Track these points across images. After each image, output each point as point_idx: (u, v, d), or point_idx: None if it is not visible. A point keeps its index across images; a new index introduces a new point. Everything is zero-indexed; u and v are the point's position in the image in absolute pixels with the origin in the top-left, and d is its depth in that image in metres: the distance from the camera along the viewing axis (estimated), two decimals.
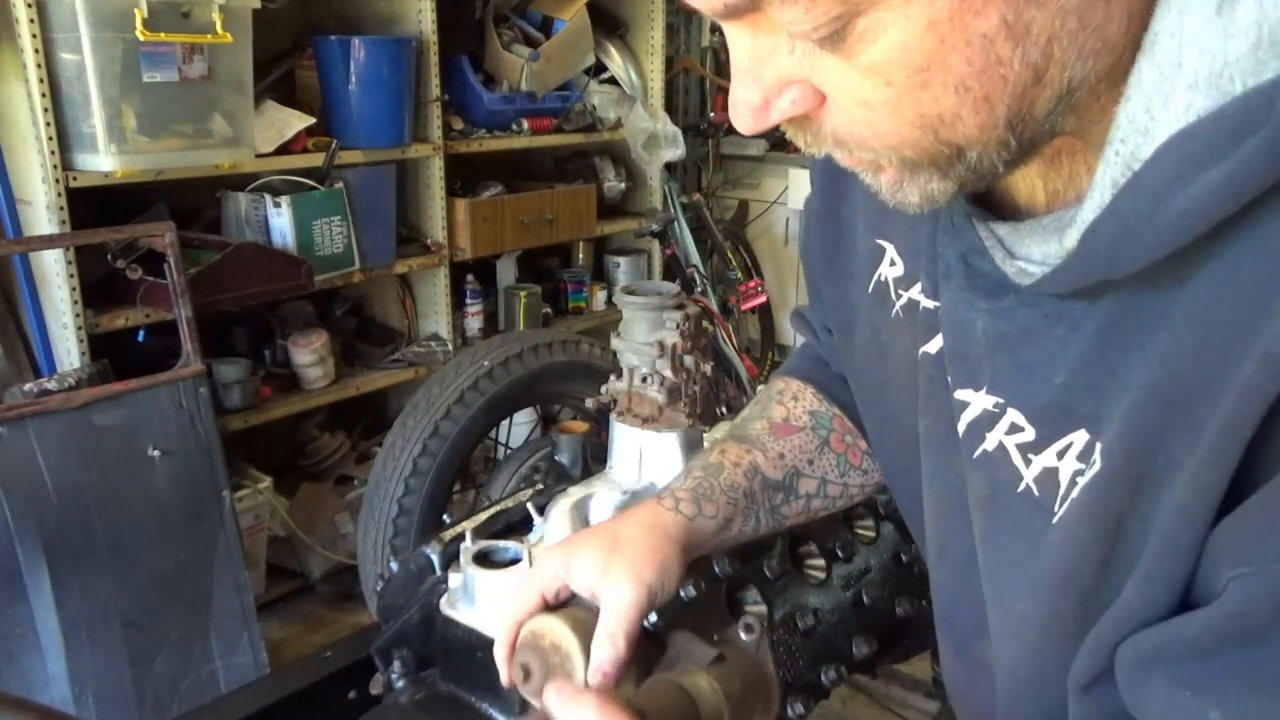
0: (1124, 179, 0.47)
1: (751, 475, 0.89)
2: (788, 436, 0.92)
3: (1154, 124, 0.45)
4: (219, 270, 2.44)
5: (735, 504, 0.87)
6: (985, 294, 0.58)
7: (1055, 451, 0.55)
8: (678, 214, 3.84)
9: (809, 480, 0.91)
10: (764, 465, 0.90)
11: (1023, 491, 0.57)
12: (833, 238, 0.80)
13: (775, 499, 0.90)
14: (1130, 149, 0.46)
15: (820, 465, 0.92)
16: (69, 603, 2.06)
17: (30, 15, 2.12)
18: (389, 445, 2.12)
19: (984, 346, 0.59)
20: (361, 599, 2.46)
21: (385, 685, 1.18)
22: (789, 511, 0.92)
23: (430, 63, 2.96)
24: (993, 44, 0.44)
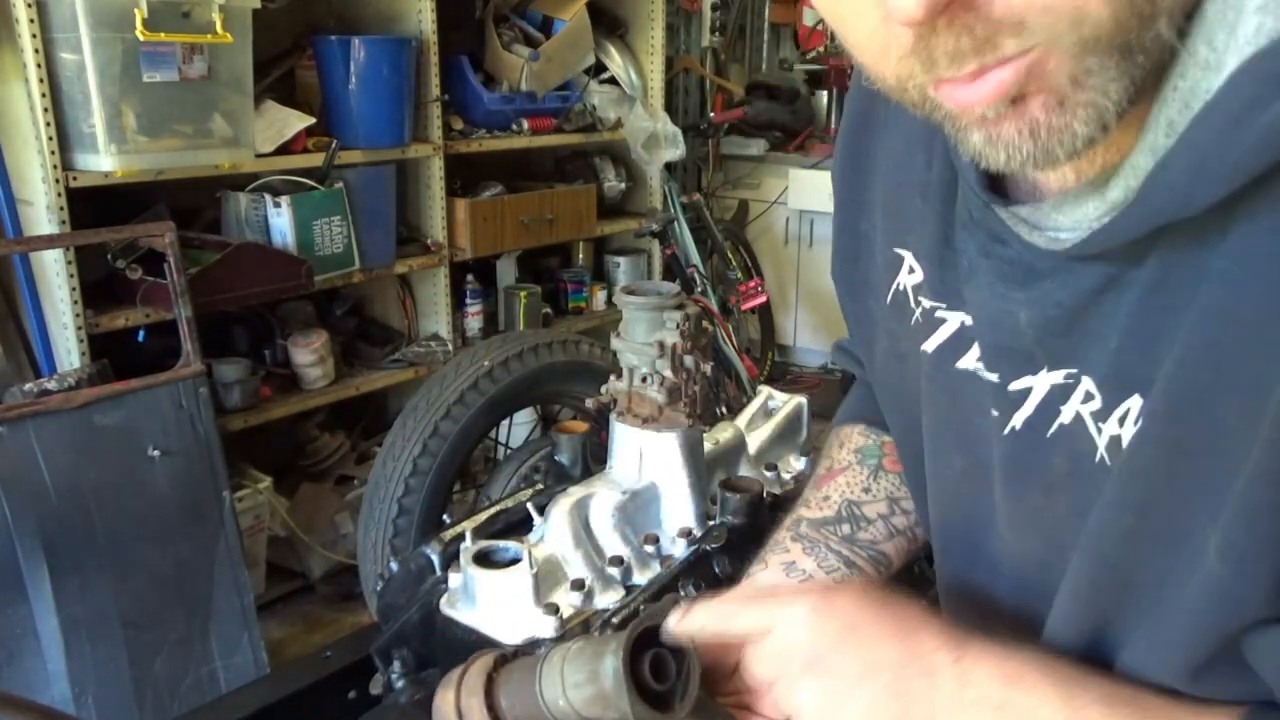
0: (1181, 118, 0.45)
1: (787, 529, 0.88)
2: (830, 482, 0.91)
3: (1216, 55, 0.44)
4: (219, 270, 2.43)
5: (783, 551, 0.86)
6: (1019, 284, 0.57)
7: (1118, 418, 0.54)
8: (678, 214, 3.84)
9: (873, 505, 0.89)
10: (806, 514, 0.89)
11: (1099, 462, 0.56)
12: (852, 252, 0.80)
13: (843, 530, 0.87)
14: (1190, 84, 0.45)
15: (880, 488, 0.89)
16: (69, 603, 2.06)
17: (30, 15, 2.12)
18: (389, 445, 2.12)
19: (1033, 335, 0.58)
20: (361, 599, 2.46)
21: (385, 685, 1.18)
22: (872, 536, 0.87)
23: (430, 63, 2.96)
24: None
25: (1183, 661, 0.53)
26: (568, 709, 0.70)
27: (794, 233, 4.62)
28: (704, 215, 4.01)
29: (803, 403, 1.47)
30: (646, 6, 3.76)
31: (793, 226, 4.61)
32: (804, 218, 4.54)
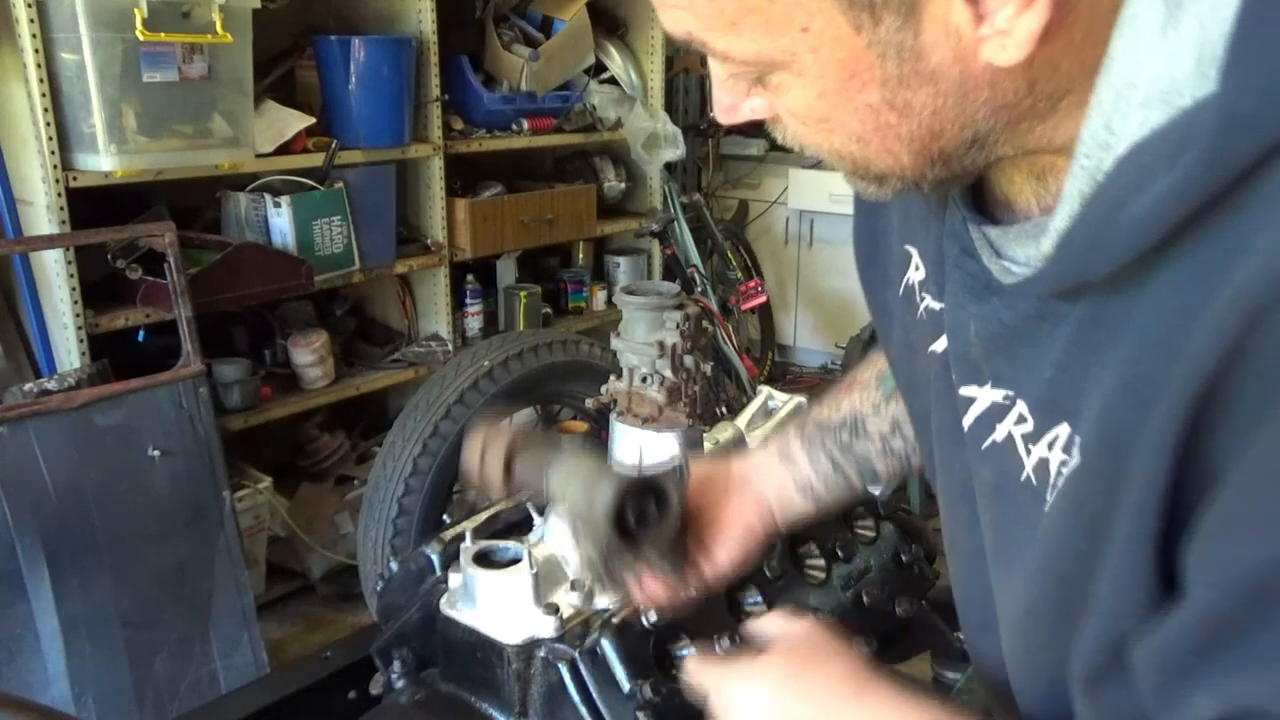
0: (1090, 190, 0.51)
1: (799, 422, 0.99)
2: (847, 393, 0.99)
3: (1114, 139, 0.49)
4: (219, 270, 2.43)
5: (786, 440, 0.98)
6: (974, 296, 0.62)
7: (1046, 442, 0.58)
8: (678, 214, 3.84)
9: (878, 422, 0.96)
10: (817, 413, 0.99)
11: (1024, 480, 0.60)
12: (871, 243, 0.84)
13: (842, 437, 0.97)
14: (1094, 163, 0.50)
15: (889, 411, 0.96)
16: (69, 603, 2.06)
17: (30, 15, 2.12)
18: (389, 445, 2.12)
19: (979, 348, 0.63)
20: (361, 599, 2.46)
21: (385, 685, 1.18)
22: (868, 450, 0.97)
23: (430, 63, 2.96)
24: (878, 113, 0.54)
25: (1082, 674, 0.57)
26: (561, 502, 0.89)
27: (794, 233, 4.62)
28: (704, 215, 4.01)
29: (803, 403, 1.47)
30: (646, 6, 3.75)
31: (793, 226, 4.61)
32: (804, 218, 4.54)
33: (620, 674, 1.01)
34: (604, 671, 1.01)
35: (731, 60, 0.55)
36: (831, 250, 4.49)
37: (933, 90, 0.52)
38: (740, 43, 0.54)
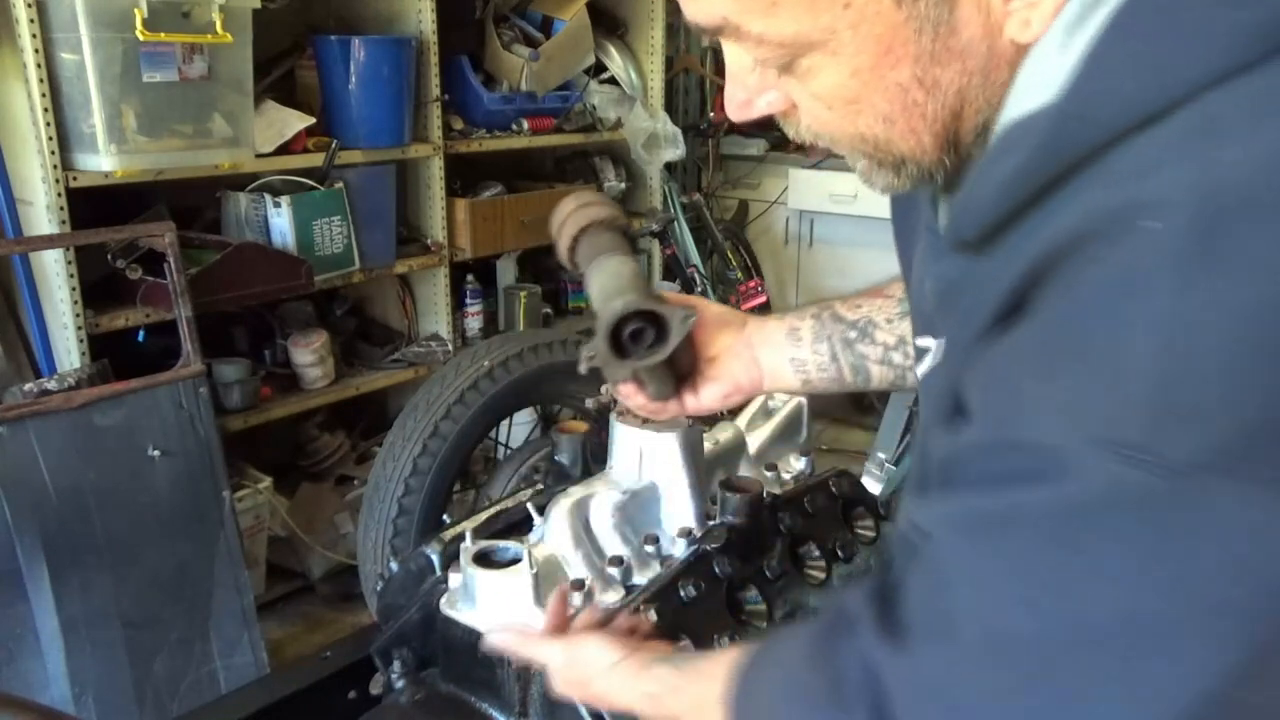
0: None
1: (822, 308, 1.05)
2: (871, 298, 1.05)
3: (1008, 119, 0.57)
4: (219, 270, 2.43)
5: (801, 318, 1.05)
6: (934, 257, 0.68)
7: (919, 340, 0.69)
8: (678, 214, 3.84)
9: (886, 333, 1.02)
10: (838, 306, 1.05)
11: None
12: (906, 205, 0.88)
13: (849, 335, 1.04)
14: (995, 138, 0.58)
15: (900, 327, 1.01)
16: (69, 603, 2.06)
17: (30, 15, 2.12)
18: (389, 445, 2.12)
19: (932, 303, 0.69)
20: (361, 599, 2.46)
21: (385, 685, 1.18)
22: (867, 354, 1.03)
23: (430, 63, 2.96)
24: (907, 91, 0.57)
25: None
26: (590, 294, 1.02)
27: (794, 233, 4.62)
28: (704, 215, 4.01)
29: (803, 403, 1.47)
30: (646, 6, 3.75)
31: (793, 226, 4.61)
32: (804, 218, 4.54)
33: None
34: None
35: (766, 43, 0.57)
36: (831, 250, 4.49)
37: (960, 67, 0.56)
38: (779, 23, 0.56)
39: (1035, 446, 0.50)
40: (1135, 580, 0.48)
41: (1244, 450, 0.45)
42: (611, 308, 0.96)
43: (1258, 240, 0.44)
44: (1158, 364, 0.45)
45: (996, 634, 0.53)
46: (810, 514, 1.28)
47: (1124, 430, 0.46)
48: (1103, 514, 0.48)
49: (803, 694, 0.63)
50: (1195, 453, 0.45)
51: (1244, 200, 0.45)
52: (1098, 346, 0.48)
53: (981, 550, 0.53)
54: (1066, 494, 0.48)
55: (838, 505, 1.33)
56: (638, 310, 0.96)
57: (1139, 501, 0.47)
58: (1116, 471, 0.46)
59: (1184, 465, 0.45)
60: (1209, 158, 0.45)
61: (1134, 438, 0.46)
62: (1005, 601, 0.52)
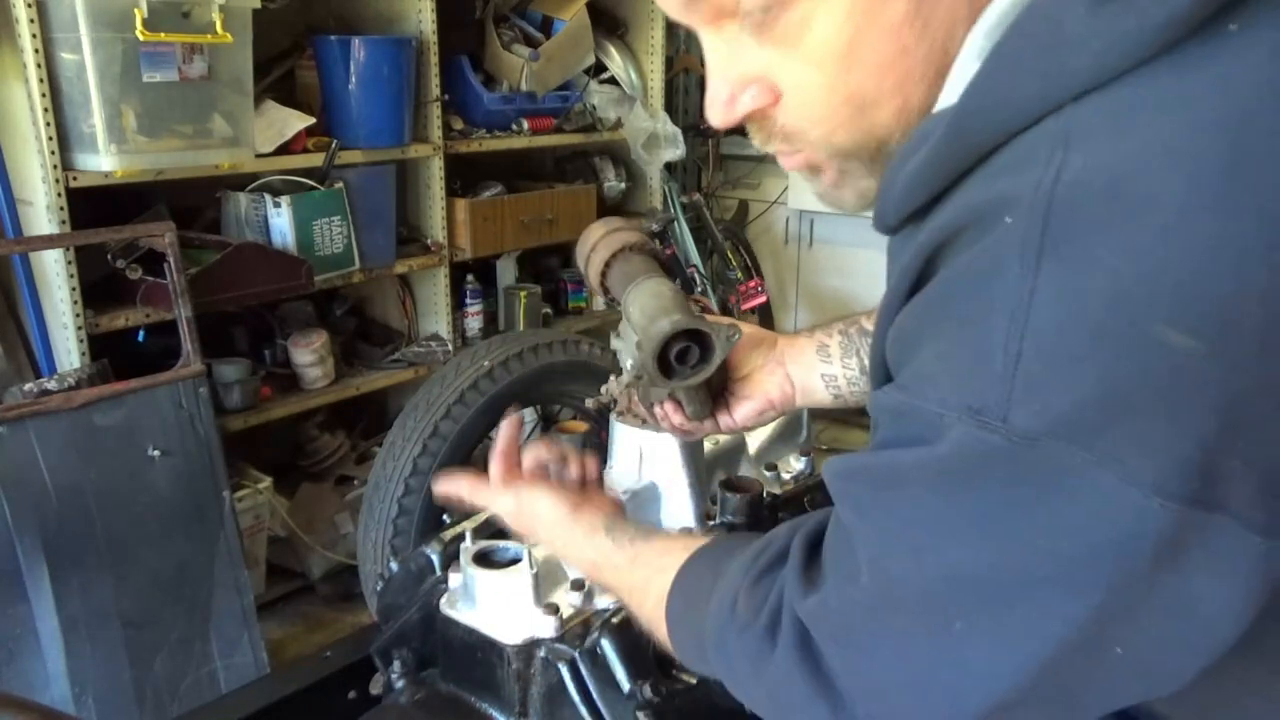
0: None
1: (849, 323, 1.08)
2: None
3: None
4: (219, 270, 2.43)
5: (829, 335, 1.08)
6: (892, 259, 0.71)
7: None
8: (678, 214, 3.84)
9: None
10: (864, 321, 1.07)
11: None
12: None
13: None
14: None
15: None
16: (69, 603, 2.06)
17: (30, 15, 2.12)
18: (389, 445, 2.12)
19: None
20: (361, 599, 2.46)
21: (385, 685, 1.18)
22: None
23: (430, 63, 2.96)
24: (899, 33, 0.58)
25: None
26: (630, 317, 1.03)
27: (794, 233, 4.62)
28: (704, 215, 4.01)
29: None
30: (646, 6, 3.75)
31: (793, 226, 4.61)
32: (804, 218, 4.54)
33: (620, 674, 1.01)
34: (604, 671, 1.02)
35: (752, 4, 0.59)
36: (831, 250, 4.49)
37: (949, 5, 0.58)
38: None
39: (920, 411, 0.55)
40: (994, 534, 0.53)
41: (1082, 421, 0.48)
42: (659, 327, 0.97)
43: (1089, 237, 0.48)
44: (1007, 340, 0.50)
45: (886, 581, 0.58)
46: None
47: (982, 398, 0.51)
48: (964, 474, 0.53)
49: (737, 617, 0.70)
50: (1039, 421, 0.49)
51: (1081, 200, 0.49)
52: (963, 320, 0.53)
53: (874, 501, 0.60)
54: (936, 455, 0.54)
55: None
56: (684, 330, 0.97)
57: (992, 463, 0.51)
58: (976, 435, 0.51)
59: (1031, 432, 0.49)
60: (1059, 162, 0.50)
61: (990, 405, 0.51)
62: (892, 551, 0.58)
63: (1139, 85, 0.49)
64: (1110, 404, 0.48)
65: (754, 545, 0.75)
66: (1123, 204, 0.48)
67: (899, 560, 0.57)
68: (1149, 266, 0.47)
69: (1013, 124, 0.52)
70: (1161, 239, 0.47)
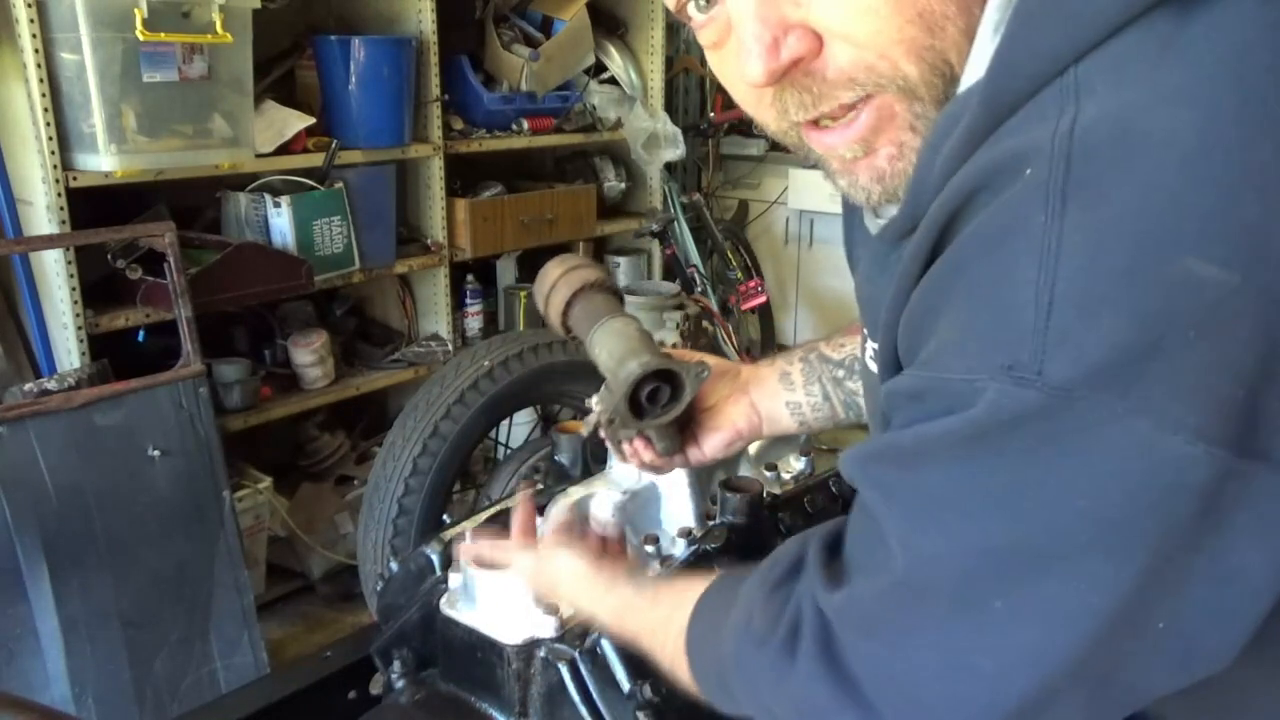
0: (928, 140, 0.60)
1: (808, 351, 1.10)
2: (853, 336, 1.08)
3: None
4: (219, 270, 2.43)
5: (790, 363, 1.09)
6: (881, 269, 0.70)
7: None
8: (678, 214, 3.84)
9: None
10: (822, 347, 1.10)
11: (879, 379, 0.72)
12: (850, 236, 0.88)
13: (837, 374, 1.08)
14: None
15: None
16: (69, 603, 2.06)
17: (30, 15, 2.12)
18: (389, 445, 2.12)
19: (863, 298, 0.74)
20: (361, 599, 2.46)
21: (385, 685, 1.18)
22: (856, 389, 1.07)
23: (430, 63, 2.96)
24: None
25: None
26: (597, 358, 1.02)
27: (794, 233, 4.62)
28: (704, 215, 4.01)
29: None
30: (646, 6, 3.75)
31: (793, 226, 4.61)
32: (804, 218, 4.54)
33: (620, 674, 1.01)
34: (604, 671, 1.02)
35: None
36: (831, 250, 4.49)
37: None
38: None
39: (945, 383, 0.53)
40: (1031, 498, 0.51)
41: (1118, 368, 0.47)
42: (628, 370, 0.97)
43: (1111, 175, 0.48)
44: (1036, 290, 0.48)
45: (920, 561, 0.56)
46: (810, 514, 1.28)
47: (1014, 353, 0.49)
48: (998, 435, 0.50)
49: (754, 633, 0.67)
50: (1075, 370, 0.48)
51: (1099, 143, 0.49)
52: (986, 281, 0.51)
53: (901, 482, 0.57)
54: (968, 419, 0.51)
55: (838, 505, 1.33)
56: (654, 370, 0.98)
57: (1028, 420, 0.49)
58: (1009, 391, 0.49)
59: (1066, 382, 0.48)
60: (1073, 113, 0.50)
61: (1024, 360, 0.49)
62: (925, 529, 0.55)
63: (1140, 35, 0.49)
64: (1145, 346, 0.46)
65: (764, 563, 0.73)
66: (1140, 143, 0.47)
67: (932, 538, 0.55)
68: (1172, 200, 0.46)
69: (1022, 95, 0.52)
70: (1181, 172, 0.46)
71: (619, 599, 0.90)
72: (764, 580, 0.70)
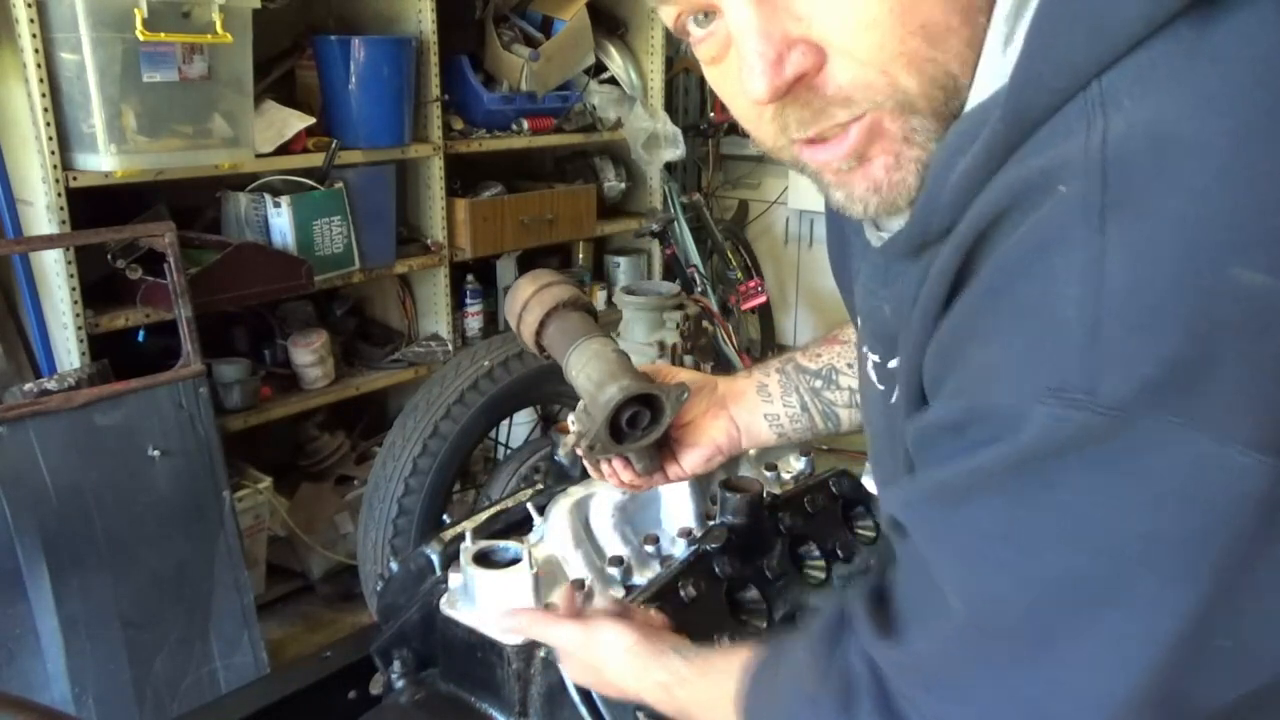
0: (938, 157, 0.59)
1: (784, 361, 1.09)
2: (829, 345, 1.09)
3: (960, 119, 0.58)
4: (219, 270, 2.43)
5: (767, 374, 1.08)
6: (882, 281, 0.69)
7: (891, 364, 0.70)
8: (678, 214, 3.84)
9: (849, 377, 1.07)
10: (799, 358, 1.09)
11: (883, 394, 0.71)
12: (838, 247, 0.90)
13: (814, 384, 1.08)
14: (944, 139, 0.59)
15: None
16: (69, 603, 2.06)
17: (30, 15, 2.12)
18: (389, 445, 2.12)
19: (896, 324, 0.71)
20: (361, 599, 2.46)
21: (385, 685, 1.18)
22: (835, 400, 1.07)
23: (430, 63, 2.96)
24: None
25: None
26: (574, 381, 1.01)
27: (794, 233, 4.62)
28: (704, 215, 4.01)
29: None
30: (646, 6, 3.69)
31: (793, 226, 4.62)
32: (804, 218, 4.54)
33: None
34: None
35: None
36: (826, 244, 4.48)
37: None
38: None
39: (988, 411, 0.51)
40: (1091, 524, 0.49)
41: (1171, 382, 0.46)
42: (608, 394, 0.97)
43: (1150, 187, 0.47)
44: (1082, 308, 0.47)
45: (977, 605, 0.54)
46: (810, 514, 1.28)
47: (1063, 375, 0.48)
48: (1052, 461, 0.49)
49: (809, 698, 0.65)
50: (1128, 387, 0.47)
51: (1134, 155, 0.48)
52: (1028, 303, 0.50)
53: (951, 521, 0.55)
54: (1017, 447, 0.50)
55: (838, 505, 1.33)
56: (634, 395, 0.97)
57: (1082, 443, 0.48)
58: (1060, 414, 0.48)
59: (1120, 401, 0.47)
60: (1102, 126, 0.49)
61: (1073, 381, 0.48)
62: (981, 570, 0.53)
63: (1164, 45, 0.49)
64: (1197, 359, 0.46)
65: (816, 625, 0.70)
66: (1175, 153, 0.47)
67: (990, 578, 0.53)
68: (1213, 209, 0.46)
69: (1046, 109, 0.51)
70: (1220, 181, 0.46)
71: (667, 670, 0.88)
72: (810, 640, 0.68)
